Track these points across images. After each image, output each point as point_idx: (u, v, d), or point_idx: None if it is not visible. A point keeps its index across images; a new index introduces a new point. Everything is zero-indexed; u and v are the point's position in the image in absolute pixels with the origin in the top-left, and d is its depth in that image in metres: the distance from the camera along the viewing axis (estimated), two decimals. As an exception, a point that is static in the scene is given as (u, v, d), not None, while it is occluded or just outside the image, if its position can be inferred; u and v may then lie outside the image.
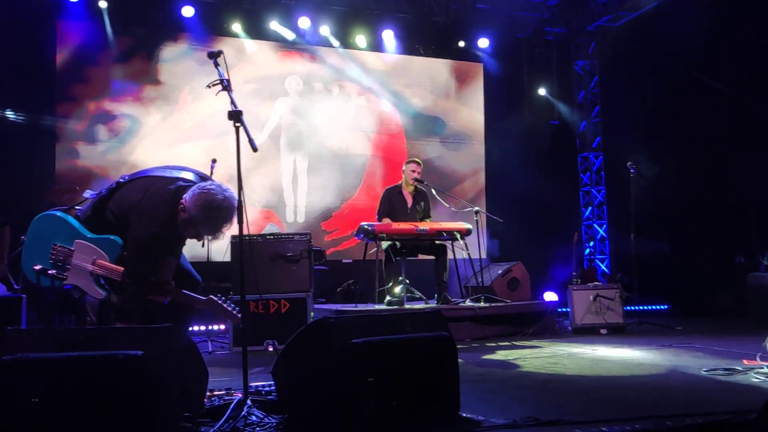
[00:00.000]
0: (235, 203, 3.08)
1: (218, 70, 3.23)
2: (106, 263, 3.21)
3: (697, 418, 2.66)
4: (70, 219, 3.27)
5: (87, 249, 3.21)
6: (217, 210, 3.05)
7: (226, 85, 3.18)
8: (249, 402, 2.65)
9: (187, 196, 3.09)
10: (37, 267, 3.17)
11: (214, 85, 3.26)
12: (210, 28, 8.67)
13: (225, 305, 3.30)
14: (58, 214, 3.27)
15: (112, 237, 3.23)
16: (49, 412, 2.27)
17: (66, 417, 2.27)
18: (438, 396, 2.76)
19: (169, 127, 8.54)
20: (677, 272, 8.74)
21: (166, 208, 3.12)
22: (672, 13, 8.68)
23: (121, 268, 3.22)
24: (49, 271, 3.18)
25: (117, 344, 2.44)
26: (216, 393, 3.13)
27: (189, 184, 3.19)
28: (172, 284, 3.19)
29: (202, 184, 3.14)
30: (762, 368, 3.77)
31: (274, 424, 2.57)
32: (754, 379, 3.59)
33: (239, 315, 3.29)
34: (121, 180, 3.32)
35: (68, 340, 2.45)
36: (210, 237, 3.20)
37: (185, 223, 3.11)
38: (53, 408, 2.27)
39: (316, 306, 6.53)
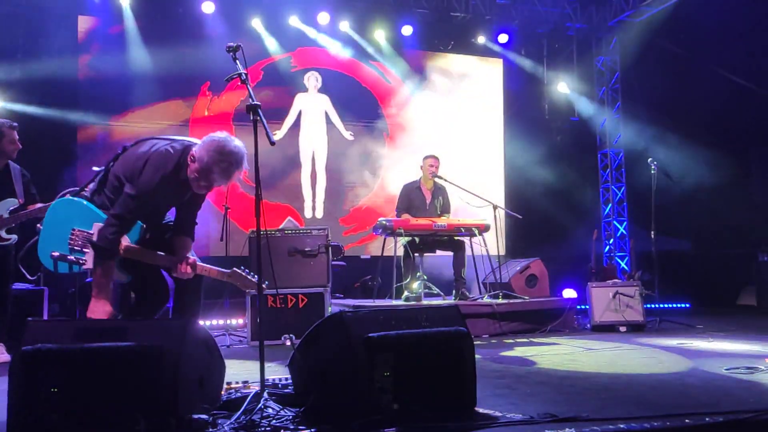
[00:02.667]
0: (245, 151, 3.20)
1: (237, 64, 3.24)
2: (128, 244, 3.26)
3: (717, 416, 2.62)
4: (88, 203, 3.31)
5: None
6: (228, 154, 3.14)
7: (244, 79, 3.18)
8: (266, 395, 2.66)
9: (195, 148, 3.21)
10: (55, 254, 3.21)
11: (232, 79, 3.27)
12: (230, 24, 8.71)
13: (249, 276, 3.47)
14: (75, 198, 3.31)
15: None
16: (68, 401, 2.29)
17: (85, 407, 2.30)
18: (455, 391, 2.75)
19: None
20: (698, 270, 8.64)
21: (171, 161, 3.21)
22: (694, 8, 8.56)
23: (143, 250, 3.31)
24: (69, 257, 3.21)
25: (136, 336, 2.46)
26: (233, 386, 3.15)
27: (196, 142, 3.30)
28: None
29: (210, 134, 3.24)
30: (785, 367, 3.71)
31: (291, 416, 2.58)
32: (777, 378, 3.54)
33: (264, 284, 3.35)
34: (126, 145, 3.40)
35: (88, 331, 2.48)
36: (222, 183, 3.25)
37: (197, 174, 3.18)
38: (72, 398, 2.30)
39: (334, 301, 6.55)
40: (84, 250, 3.23)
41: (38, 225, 3.24)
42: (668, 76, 9.10)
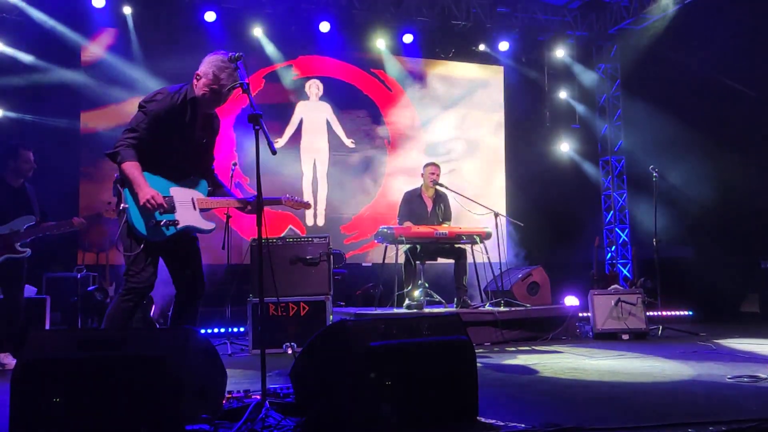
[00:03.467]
0: None
1: (238, 73, 3.25)
2: (203, 197, 3.58)
3: (720, 425, 2.60)
4: (154, 175, 3.43)
5: (183, 192, 3.50)
6: (229, 60, 3.39)
7: (246, 88, 3.19)
8: (267, 404, 2.65)
9: (198, 71, 3.50)
10: (153, 222, 3.35)
11: (234, 88, 3.28)
12: (231, 33, 8.74)
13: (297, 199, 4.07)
14: (145, 174, 3.41)
15: (193, 178, 3.59)
16: (70, 412, 2.29)
17: (86, 417, 2.30)
18: (456, 400, 2.75)
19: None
20: (701, 277, 8.60)
21: (177, 91, 3.49)
22: (694, 16, 8.57)
23: (219, 199, 3.66)
24: (162, 222, 3.36)
25: (137, 345, 2.46)
26: (234, 395, 3.14)
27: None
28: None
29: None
30: (788, 375, 3.70)
31: (292, 426, 2.57)
32: (780, 386, 3.53)
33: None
34: None
35: (89, 341, 2.48)
36: (230, 89, 3.43)
37: (206, 89, 3.43)
38: (74, 408, 2.30)
39: (336, 309, 6.54)
40: (173, 210, 3.43)
41: (123, 205, 3.34)
42: (669, 83, 9.10)
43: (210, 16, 8.52)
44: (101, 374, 2.32)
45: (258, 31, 8.87)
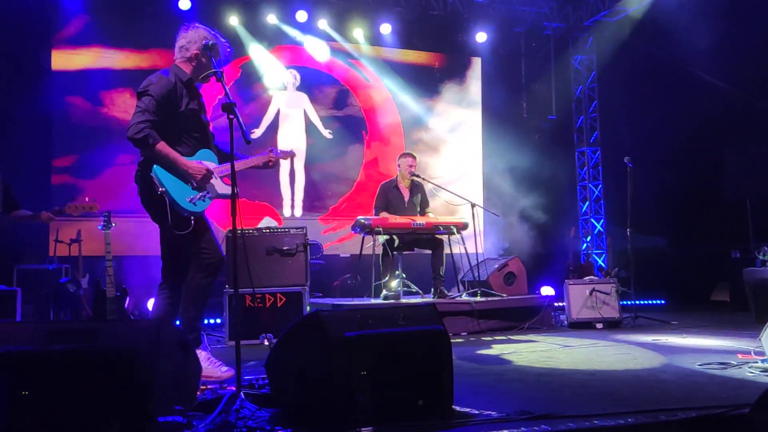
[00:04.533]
0: None
1: (212, 62, 3.22)
2: (218, 166, 3.74)
3: (690, 411, 2.65)
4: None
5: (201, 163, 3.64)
6: (207, 29, 3.69)
7: (219, 77, 3.16)
8: (242, 395, 2.64)
9: (181, 50, 3.70)
10: (190, 197, 3.54)
11: (207, 77, 3.24)
12: (207, 22, 8.61)
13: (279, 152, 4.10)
14: None
15: (203, 151, 3.71)
16: (39, 405, 2.25)
17: (56, 410, 2.26)
18: (432, 389, 2.75)
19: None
20: (674, 267, 8.75)
21: (169, 76, 3.58)
22: (668, 8, 8.66)
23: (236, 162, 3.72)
24: (198, 196, 3.56)
25: (109, 337, 2.43)
26: (209, 386, 3.13)
27: None
28: None
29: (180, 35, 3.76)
30: (756, 362, 3.77)
31: (267, 417, 2.56)
32: (749, 373, 3.59)
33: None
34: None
35: (60, 333, 2.44)
36: (219, 43, 3.60)
37: (196, 60, 3.61)
38: (44, 401, 2.26)
39: (313, 300, 6.53)
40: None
41: (160, 189, 3.43)
42: (644, 75, 9.20)
43: (184, 4, 8.42)
44: (71, 366, 2.28)
45: (234, 20, 8.77)
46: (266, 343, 5.21)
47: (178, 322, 3.69)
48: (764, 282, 6.38)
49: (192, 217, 3.52)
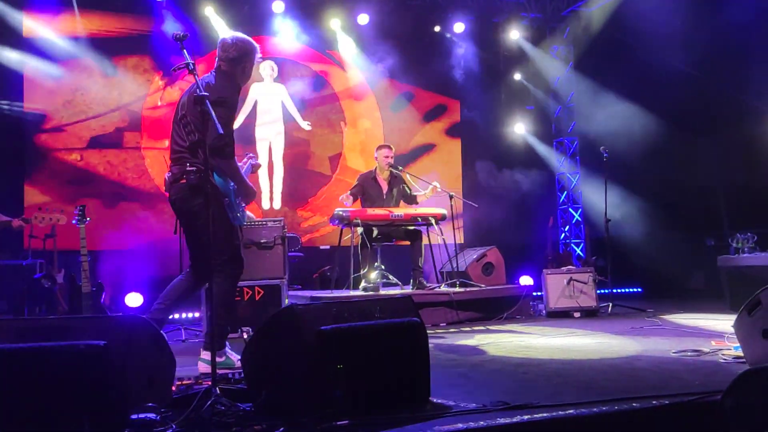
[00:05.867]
0: None
1: (184, 53, 3.16)
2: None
3: (663, 399, 2.68)
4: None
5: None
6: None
7: (191, 69, 3.11)
8: (216, 390, 2.61)
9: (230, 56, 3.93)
10: (239, 213, 3.83)
11: (180, 69, 3.19)
12: (182, 11, 8.51)
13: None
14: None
15: None
16: (7, 404, 2.21)
17: (26, 408, 2.22)
18: (408, 382, 2.76)
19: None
20: (650, 255, 8.84)
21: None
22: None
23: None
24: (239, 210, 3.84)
25: (81, 334, 2.40)
26: (185, 382, 3.10)
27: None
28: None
29: (224, 40, 3.99)
30: (729, 349, 3.83)
31: (242, 412, 2.54)
32: (722, 360, 3.65)
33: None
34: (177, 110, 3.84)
35: (30, 330, 2.40)
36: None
37: (234, 66, 3.89)
38: (13, 399, 2.22)
39: (291, 293, 6.50)
40: (239, 203, 3.83)
41: (226, 200, 3.67)
42: (620, 65, 9.25)
43: None
44: (41, 364, 2.24)
45: (209, 11, 8.66)
46: (245, 336, 5.20)
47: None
48: (738, 269, 6.48)
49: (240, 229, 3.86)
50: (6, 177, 7.55)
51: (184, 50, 3.21)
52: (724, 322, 4.90)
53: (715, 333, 4.75)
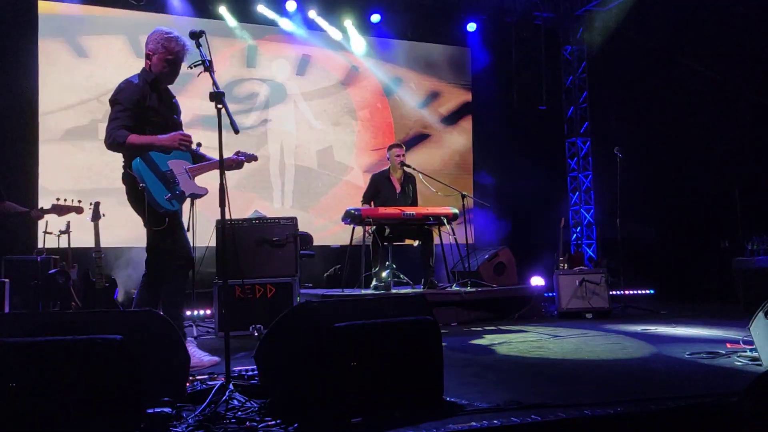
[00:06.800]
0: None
1: (200, 51, 3.18)
2: (193, 165, 3.92)
3: (679, 401, 2.66)
4: (152, 153, 3.71)
5: (178, 164, 3.83)
6: (170, 30, 3.84)
7: (207, 66, 3.12)
8: (231, 386, 2.63)
9: (147, 49, 3.86)
10: (168, 195, 3.72)
11: (195, 66, 3.21)
12: (197, 12, 8.56)
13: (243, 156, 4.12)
14: (145, 154, 3.68)
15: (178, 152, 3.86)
16: (26, 396, 2.23)
17: (43, 402, 2.24)
18: (421, 380, 2.75)
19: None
20: (663, 257, 8.79)
21: (137, 81, 3.79)
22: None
23: (206, 163, 4.01)
24: (174, 195, 3.76)
25: (97, 329, 2.41)
26: (198, 377, 3.11)
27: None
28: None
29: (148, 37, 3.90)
30: (745, 352, 3.79)
31: (256, 408, 2.55)
32: (737, 362, 3.62)
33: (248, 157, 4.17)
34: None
35: (47, 325, 2.42)
36: (183, 55, 3.83)
37: (163, 62, 3.79)
38: (30, 393, 2.24)
39: (303, 291, 6.52)
40: (177, 182, 3.77)
41: (140, 185, 3.62)
42: (634, 65, 9.20)
43: (175, -5, 8.34)
44: (58, 358, 2.26)
45: (222, 9, 8.70)
46: (256, 334, 5.21)
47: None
48: (753, 271, 6.43)
49: (166, 216, 3.72)
50: (21, 171, 7.60)
51: (200, 48, 3.22)
52: (740, 325, 4.86)
53: (730, 335, 4.71)
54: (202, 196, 3.98)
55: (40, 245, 7.23)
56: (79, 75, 8.08)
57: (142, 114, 3.74)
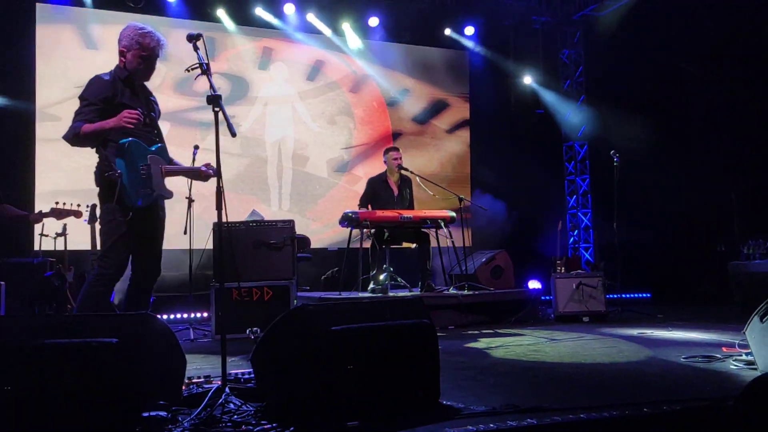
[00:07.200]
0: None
1: (198, 54, 3.18)
2: (168, 166, 3.82)
3: (674, 405, 2.66)
4: (133, 144, 3.62)
5: (155, 159, 3.73)
6: (144, 26, 3.78)
7: (205, 69, 3.12)
8: (227, 389, 2.62)
9: (122, 49, 3.76)
10: (141, 190, 3.61)
11: (193, 69, 3.20)
12: (194, 14, 8.57)
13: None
14: (130, 139, 3.61)
15: (161, 145, 3.83)
16: (21, 399, 2.22)
17: (38, 405, 2.23)
18: (418, 383, 2.75)
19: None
20: (660, 260, 8.80)
21: (104, 74, 3.72)
22: (656, 2, 8.68)
23: (181, 167, 3.97)
24: (145, 191, 3.63)
25: (93, 332, 2.40)
26: (195, 381, 3.10)
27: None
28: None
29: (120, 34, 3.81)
30: (740, 356, 3.80)
31: (252, 411, 2.55)
32: (733, 366, 3.62)
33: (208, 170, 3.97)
34: None
35: (43, 327, 2.41)
36: (159, 50, 3.78)
37: (138, 58, 3.71)
38: (26, 396, 2.23)
39: (300, 294, 6.51)
40: (150, 180, 3.66)
41: (117, 171, 3.53)
42: (631, 69, 9.22)
43: (171, -4, 8.35)
44: (54, 361, 2.26)
45: (221, 12, 8.70)
46: (252, 337, 5.21)
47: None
48: (749, 275, 6.44)
49: (131, 211, 3.58)
50: (17, 175, 7.59)
51: (198, 51, 3.22)
52: (735, 329, 4.86)
53: (725, 339, 4.71)
54: (166, 199, 3.87)
55: (36, 248, 7.22)
56: (75, 76, 8.07)
57: (112, 110, 3.61)
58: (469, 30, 9.93)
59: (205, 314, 6.88)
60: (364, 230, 6.51)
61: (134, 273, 3.78)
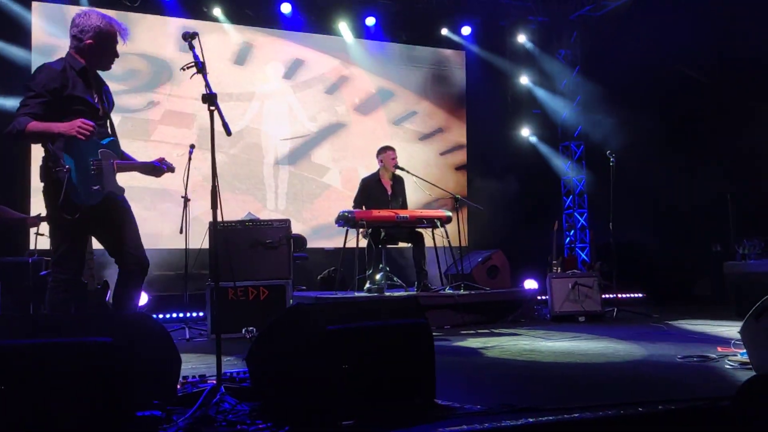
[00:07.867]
0: None
1: (193, 52, 3.16)
2: (120, 161, 3.60)
3: (669, 404, 2.67)
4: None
5: (107, 155, 3.51)
6: (100, 13, 3.58)
7: (200, 68, 3.11)
8: (222, 389, 2.62)
9: (82, 38, 3.51)
10: (96, 187, 3.38)
11: (188, 68, 3.19)
12: (190, 12, 8.54)
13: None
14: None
15: (113, 138, 3.60)
16: (13, 400, 2.21)
17: (32, 404, 2.22)
18: (414, 383, 2.75)
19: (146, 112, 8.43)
20: (655, 260, 8.82)
21: (55, 62, 3.46)
22: (653, 3, 8.69)
23: (134, 162, 3.74)
24: (95, 188, 3.38)
25: (87, 331, 2.40)
26: (190, 380, 3.10)
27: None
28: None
29: (75, 24, 3.56)
30: (735, 355, 3.81)
31: (247, 411, 2.54)
32: (728, 366, 3.63)
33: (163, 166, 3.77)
34: None
35: (37, 327, 2.41)
36: (115, 34, 3.60)
37: (88, 48, 3.48)
38: (18, 396, 2.22)
39: (296, 293, 6.51)
40: (101, 175, 3.42)
41: (66, 167, 3.27)
42: (628, 70, 9.22)
43: (169, -6, 8.32)
44: (47, 360, 2.24)
45: (218, 11, 8.69)
46: (248, 336, 5.20)
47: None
48: (744, 275, 6.46)
49: (78, 210, 3.31)
50: (12, 173, 7.56)
51: (193, 49, 3.21)
52: (730, 329, 4.88)
53: (721, 339, 4.72)
54: (117, 195, 3.59)
55: (31, 247, 7.20)
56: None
57: (60, 103, 3.33)
58: (466, 30, 9.93)
59: (201, 314, 6.87)
60: (361, 230, 6.50)
61: (120, 271, 3.59)
